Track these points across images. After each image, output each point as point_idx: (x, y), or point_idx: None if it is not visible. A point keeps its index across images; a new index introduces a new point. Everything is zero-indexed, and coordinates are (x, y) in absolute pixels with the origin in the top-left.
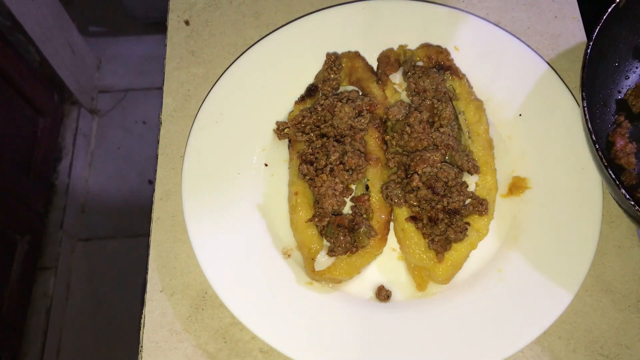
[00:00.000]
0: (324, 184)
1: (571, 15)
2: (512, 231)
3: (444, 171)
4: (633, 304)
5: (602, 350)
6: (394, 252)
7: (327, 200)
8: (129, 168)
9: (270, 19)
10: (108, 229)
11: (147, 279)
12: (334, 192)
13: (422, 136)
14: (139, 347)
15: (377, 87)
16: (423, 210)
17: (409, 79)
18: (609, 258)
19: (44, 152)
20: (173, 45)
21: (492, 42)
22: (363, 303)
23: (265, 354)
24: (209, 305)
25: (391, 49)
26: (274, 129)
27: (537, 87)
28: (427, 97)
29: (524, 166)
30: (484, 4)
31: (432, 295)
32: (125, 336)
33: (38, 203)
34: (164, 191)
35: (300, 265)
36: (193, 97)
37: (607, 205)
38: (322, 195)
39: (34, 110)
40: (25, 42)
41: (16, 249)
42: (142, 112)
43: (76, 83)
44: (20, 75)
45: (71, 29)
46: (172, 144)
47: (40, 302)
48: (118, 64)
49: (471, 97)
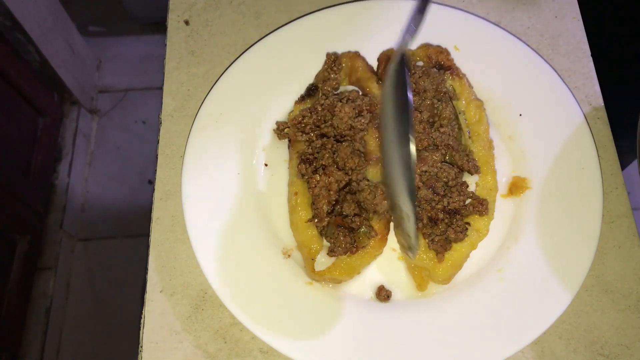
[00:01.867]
0: (318, 184)
1: (571, 15)
2: (512, 231)
3: (444, 171)
4: (633, 304)
5: (602, 350)
6: (394, 252)
7: (320, 200)
8: (129, 168)
9: (270, 19)
10: (108, 229)
11: (147, 279)
12: (329, 192)
13: (422, 136)
14: (138, 347)
15: (377, 87)
16: (423, 210)
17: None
18: (609, 258)
19: (44, 152)
20: (173, 45)
21: (492, 42)
22: (363, 303)
23: (265, 354)
24: (209, 305)
25: (391, 49)
26: (274, 129)
27: (537, 87)
28: (427, 97)
29: (524, 166)
30: (484, 4)
31: (432, 295)
32: (125, 336)
33: (38, 203)
34: (164, 191)
35: (300, 265)
36: (193, 97)
37: (607, 205)
38: (316, 195)
39: (34, 110)
40: (25, 42)
41: (16, 249)
42: (142, 112)
43: (76, 83)
44: (20, 75)
45: (71, 29)
46: (172, 144)
47: (40, 302)
48: (118, 64)
49: (471, 97)
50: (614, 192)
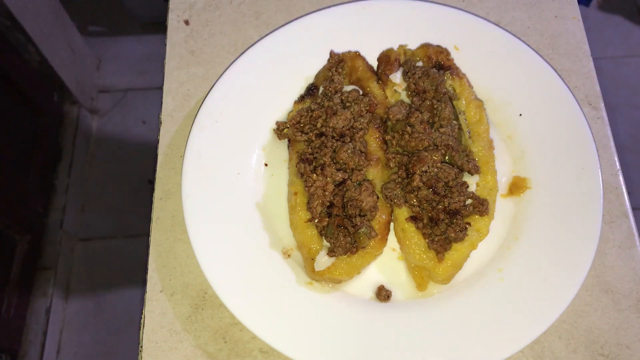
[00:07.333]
0: (314, 184)
1: (571, 15)
2: (512, 231)
3: (444, 171)
4: (633, 304)
5: (602, 350)
6: (394, 252)
7: (315, 200)
8: (129, 168)
9: (270, 18)
10: (108, 229)
11: (147, 279)
12: (324, 192)
13: (423, 136)
14: (139, 347)
15: (377, 87)
16: (423, 211)
17: (409, 79)
18: (609, 258)
19: (44, 152)
20: (173, 45)
21: (492, 42)
22: (363, 303)
23: (265, 354)
24: (209, 305)
25: (391, 49)
26: (274, 129)
27: (537, 87)
28: (427, 98)
29: (524, 166)
30: (484, 4)
31: (432, 295)
32: (125, 336)
33: (38, 203)
34: (164, 191)
35: (300, 265)
36: (193, 97)
37: (607, 205)
38: (311, 195)
39: (34, 110)
40: (25, 42)
41: (16, 249)
42: (142, 112)
43: (76, 83)
44: (20, 75)
45: (71, 29)
46: (172, 144)
47: (40, 302)
48: (118, 63)
49: (471, 97)
50: (614, 192)
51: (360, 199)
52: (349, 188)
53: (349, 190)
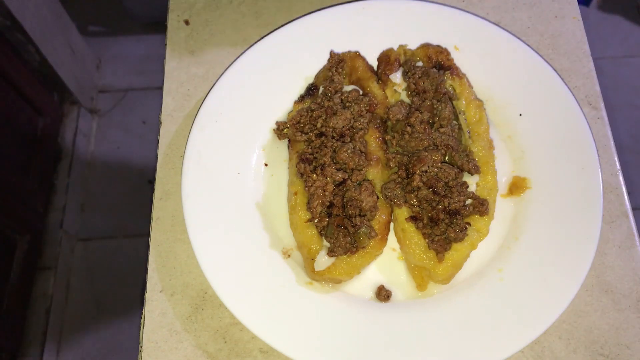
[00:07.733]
0: (314, 184)
1: (571, 15)
2: (512, 231)
3: (444, 171)
4: (633, 304)
5: (602, 350)
6: (394, 252)
7: (315, 200)
8: (129, 168)
9: (270, 18)
10: (108, 229)
11: (147, 279)
12: (324, 192)
13: (423, 136)
14: (139, 347)
15: (377, 87)
16: (423, 211)
17: (409, 79)
18: (609, 258)
19: (44, 152)
20: (173, 45)
21: (492, 42)
22: (363, 303)
23: (265, 354)
24: (209, 305)
25: (391, 49)
26: (274, 129)
27: (537, 87)
28: (427, 98)
29: (524, 166)
30: (484, 4)
31: (432, 295)
32: (125, 336)
33: (38, 203)
34: (164, 191)
35: (300, 265)
36: (193, 97)
37: (607, 205)
38: (311, 195)
39: (34, 110)
40: (25, 42)
41: (16, 249)
42: (142, 112)
43: (76, 83)
44: (20, 75)
45: (71, 29)
46: (172, 144)
47: (40, 302)
48: (118, 63)
49: (471, 97)
50: (614, 192)
51: (360, 199)
52: (349, 188)
53: (349, 190)
